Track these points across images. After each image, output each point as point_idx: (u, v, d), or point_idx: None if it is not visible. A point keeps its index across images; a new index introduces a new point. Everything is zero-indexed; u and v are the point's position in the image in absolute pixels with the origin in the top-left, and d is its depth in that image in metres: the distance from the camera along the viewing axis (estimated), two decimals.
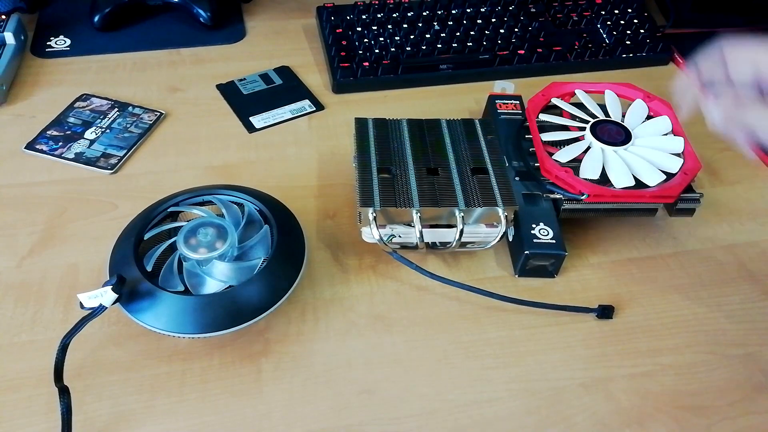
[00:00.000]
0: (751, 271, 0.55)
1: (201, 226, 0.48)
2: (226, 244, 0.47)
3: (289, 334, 0.48)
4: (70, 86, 0.69)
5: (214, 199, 0.51)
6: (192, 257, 0.46)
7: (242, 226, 0.49)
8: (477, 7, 0.77)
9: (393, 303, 0.51)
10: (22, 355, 0.46)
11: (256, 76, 0.72)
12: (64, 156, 0.61)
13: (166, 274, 0.46)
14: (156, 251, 0.47)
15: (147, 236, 0.49)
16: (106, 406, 0.43)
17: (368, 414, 0.44)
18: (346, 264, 0.53)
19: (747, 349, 0.49)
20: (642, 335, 0.49)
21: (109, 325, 0.47)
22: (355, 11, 0.76)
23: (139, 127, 0.64)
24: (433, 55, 0.72)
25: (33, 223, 0.55)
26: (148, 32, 0.78)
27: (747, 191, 0.62)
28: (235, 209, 0.51)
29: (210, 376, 0.45)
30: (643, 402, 0.45)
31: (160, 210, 0.50)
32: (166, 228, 0.50)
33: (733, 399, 0.46)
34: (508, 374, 0.46)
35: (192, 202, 0.51)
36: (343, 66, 0.70)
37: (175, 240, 0.47)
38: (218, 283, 0.46)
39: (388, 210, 0.49)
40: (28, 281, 0.50)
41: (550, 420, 0.44)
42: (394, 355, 0.47)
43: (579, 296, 0.52)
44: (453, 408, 0.44)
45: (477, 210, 0.49)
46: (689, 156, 0.55)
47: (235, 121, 0.67)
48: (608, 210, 0.53)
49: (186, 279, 0.46)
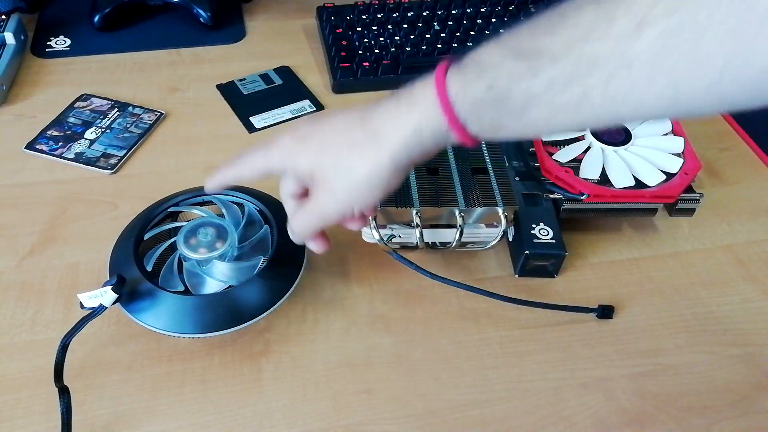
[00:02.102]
0: (751, 271, 0.54)
1: (201, 226, 0.48)
2: (226, 244, 0.47)
3: (289, 334, 0.48)
4: (70, 86, 0.69)
5: (214, 199, 0.51)
6: (192, 257, 0.46)
7: (242, 226, 0.49)
8: (477, 7, 0.77)
9: (393, 303, 0.51)
10: (22, 355, 0.46)
11: (256, 76, 0.72)
12: (65, 156, 0.61)
13: (166, 274, 0.46)
14: (156, 251, 0.47)
15: (147, 236, 0.49)
16: (106, 406, 0.43)
17: (368, 414, 0.44)
18: (346, 264, 0.53)
19: (747, 349, 0.49)
20: (642, 335, 0.49)
21: (110, 325, 0.47)
22: (355, 11, 0.76)
23: (139, 127, 0.64)
24: (434, 55, 0.72)
25: (33, 223, 0.55)
26: (148, 32, 0.78)
27: (747, 191, 0.62)
28: (236, 209, 0.51)
29: (210, 376, 0.45)
30: (643, 402, 0.45)
31: (160, 210, 0.50)
32: (166, 228, 0.50)
33: (733, 399, 0.46)
34: (507, 374, 0.46)
35: (192, 202, 0.51)
36: (343, 66, 0.70)
37: (175, 240, 0.47)
38: (218, 283, 0.46)
39: (388, 210, 0.49)
40: (28, 281, 0.50)
41: (550, 420, 0.44)
42: (393, 355, 0.47)
43: (579, 296, 0.52)
44: (453, 408, 0.44)
45: (477, 210, 0.49)
46: (689, 156, 0.55)
47: (236, 121, 0.67)
48: (608, 210, 0.53)
49: (186, 279, 0.46)
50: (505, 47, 0.32)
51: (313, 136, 0.38)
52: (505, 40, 0.32)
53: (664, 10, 0.26)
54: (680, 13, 0.26)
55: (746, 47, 0.25)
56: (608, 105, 0.30)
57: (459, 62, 0.33)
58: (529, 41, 0.31)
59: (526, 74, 0.31)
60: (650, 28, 0.27)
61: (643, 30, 0.27)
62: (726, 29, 0.25)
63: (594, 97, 0.30)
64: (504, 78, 0.31)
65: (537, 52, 0.30)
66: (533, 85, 0.31)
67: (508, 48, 0.31)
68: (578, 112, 0.31)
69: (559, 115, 0.31)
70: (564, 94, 0.30)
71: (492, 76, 0.32)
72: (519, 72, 0.31)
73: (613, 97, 0.29)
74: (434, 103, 0.33)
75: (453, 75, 0.33)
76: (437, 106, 0.33)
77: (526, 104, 0.31)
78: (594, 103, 0.30)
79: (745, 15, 0.25)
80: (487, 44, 0.33)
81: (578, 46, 0.29)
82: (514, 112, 0.32)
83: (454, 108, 0.33)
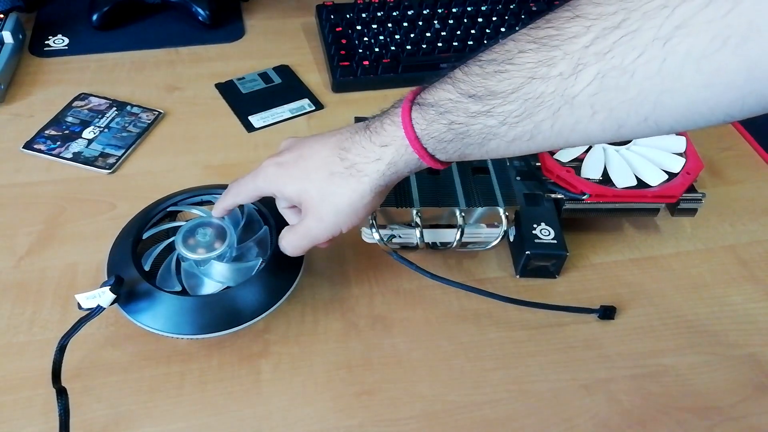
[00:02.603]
0: (753, 272, 0.54)
1: (200, 226, 0.47)
2: (224, 245, 0.46)
3: (288, 334, 0.48)
4: (69, 85, 0.69)
5: (213, 199, 0.51)
6: (190, 257, 0.46)
7: (241, 227, 0.49)
8: (478, 5, 0.77)
9: (393, 304, 0.50)
10: (20, 356, 0.45)
11: (255, 75, 0.72)
12: (62, 156, 0.60)
13: (164, 274, 0.46)
14: (154, 251, 0.47)
15: (145, 236, 0.48)
16: (104, 407, 0.43)
17: (368, 415, 0.43)
18: (345, 264, 0.53)
19: (749, 350, 0.49)
20: (643, 336, 0.49)
21: (108, 325, 0.47)
22: (355, 10, 0.76)
23: (138, 127, 0.64)
24: (434, 53, 0.72)
25: (31, 223, 0.55)
26: (147, 31, 0.77)
27: (749, 191, 0.62)
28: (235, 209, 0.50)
29: (209, 377, 0.45)
30: (644, 403, 0.45)
31: (158, 210, 0.50)
32: (164, 228, 0.49)
33: (735, 400, 0.45)
34: (508, 375, 0.46)
35: (190, 202, 0.51)
36: (343, 65, 0.70)
37: (173, 240, 0.47)
38: (217, 283, 0.46)
39: (388, 210, 0.48)
40: (26, 281, 0.50)
41: (551, 421, 0.44)
42: (393, 356, 0.47)
43: (580, 297, 0.52)
44: (453, 409, 0.44)
45: (478, 210, 0.49)
46: (691, 155, 0.54)
47: (234, 120, 0.66)
48: (610, 210, 0.53)
49: (184, 279, 0.46)
50: (459, 88, 0.35)
51: (296, 164, 0.42)
52: (459, 82, 0.35)
53: (597, 52, 0.29)
54: (612, 53, 0.29)
55: (672, 86, 0.28)
56: (557, 135, 0.33)
57: (420, 102, 0.37)
58: (481, 83, 0.34)
59: (481, 112, 0.34)
60: (586, 70, 0.30)
61: (579, 72, 0.30)
62: (653, 69, 0.28)
63: (544, 129, 0.33)
64: (462, 116, 0.35)
65: (490, 93, 0.34)
66: (488, 121, 0.34)
67: (462, 90, 0.35)
68: (532, 141, 0.34)
69: (515, 144, 0.35)
70: (517, 128, 0.34)
71: (451, 115, 0.35)
72: (475, 110, 0.34)
73: (560, 129, 0.33)
74: (403, 143, 0.38)
75: (416, 115, 0.37)
76: (407, 145, 0.37)
77: (484, 137, 0.35)
78: (545, 134, 0.34)
79: (669, 57, 0.28)
80: (442, 84, 0.36)
81: (526, 87, 0.32)
82: (475, 143, 0.36)
83: (421, 143, 0.37)
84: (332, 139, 0.41)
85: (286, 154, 0.43)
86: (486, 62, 0.34)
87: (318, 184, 0.40)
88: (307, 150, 0.42)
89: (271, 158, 0.44)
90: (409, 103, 0.38)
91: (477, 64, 0.35)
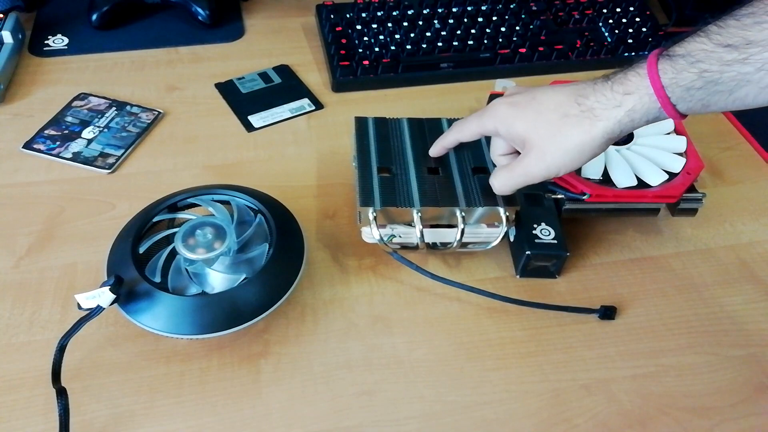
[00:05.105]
0: (754, 272, 0.54)
1: (199, 226, 0.47)
2: (224, 245, 0.46)
3: (288, 335, 0.48)
4: (68, 85, 0.69)
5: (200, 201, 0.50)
6: (190, 257, 0.46)
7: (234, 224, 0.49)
8: (478, 5, 0.77)
9: (393, 304, 0.50)
10: (19, 356, 0.45)
11: (255, 74, 0.72)
12: (62, 155, 0.60)
13: (165, 274, 0.46)
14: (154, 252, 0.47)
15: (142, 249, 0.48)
16: (104, 408, 0.43)
17: (368, 416, 0.43)
18: (345, 264, 0.53)
19: (749, 350, 0.49)
20: (644, 336, 0.49)
21: (107, 325, 0.47)
22: (355, 9, 0.76)
23: (137, 127, 0.64)
24: (434, 53, 0.72)
25: (30, 223, 0.55)
26: (147, 31, 0.77)
27: (750, 191, 0.62)
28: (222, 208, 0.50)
29: (209, 377, 0.45)
30: (645, 403, 0.45)
31: (158, 210, 0.50)
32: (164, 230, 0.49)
33: (735, 400, 0.45)
34: (508, 375, 0.46)
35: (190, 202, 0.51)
36: (343, 64, 0.70)
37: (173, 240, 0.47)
38: (217, 283, 0.46)
39: (389, 210, 0.48)
40: (25, 281, 0.50)
41: (552, 422, 0.44)
42: (394, 356, 0.47)
43: (581, 297, 0.52)
44: (453, 410, 0.44)
45: (478, 210, 0.49)
46: (692, 155, 0.54)
47: (234, 120, 0.66)
48: (610, 210, 0.53)
49: (184, 279, 0.46)
50: (713, 39, 0.37)
51: (529, 105, 0.43)
52: (713, 34, 0.37)
53: None
54: None
55: None
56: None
57: (669, 54, 0.39)
58: (739, 33, 0.36)
59: (737, 59, 0.36)
60: None
61: None
62: None
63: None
64: (716, 65, 0.37)
65: (748, 43, 0.36)
66: (744, 68, 0.36)
67: (718, 41, 0.37)
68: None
69: (766, 91, 0.37)
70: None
71: (703, 64, 0.37)
72: (730, 58, 0.36)
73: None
74: (648, 92, 0.39)
75: (665, 66, 0.39)
76: (651, 93, 0.39)
77: (736, 84, 0.37)
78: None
79: None
80: (694, 37, 0.38)
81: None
82: (725, 90, 0.37)
83: (666, 92, 0.39)
84: (568, 88, 0.43)
85: (518, 96, 0.44)
86: (743, 16, 0.36)
87: (549, 123, 0.42)
88: (541, 94, 0.43)
89: (501, 99, 0.45)
90: (655, 57, 0.39)
91: (733, 18, 0.37)
